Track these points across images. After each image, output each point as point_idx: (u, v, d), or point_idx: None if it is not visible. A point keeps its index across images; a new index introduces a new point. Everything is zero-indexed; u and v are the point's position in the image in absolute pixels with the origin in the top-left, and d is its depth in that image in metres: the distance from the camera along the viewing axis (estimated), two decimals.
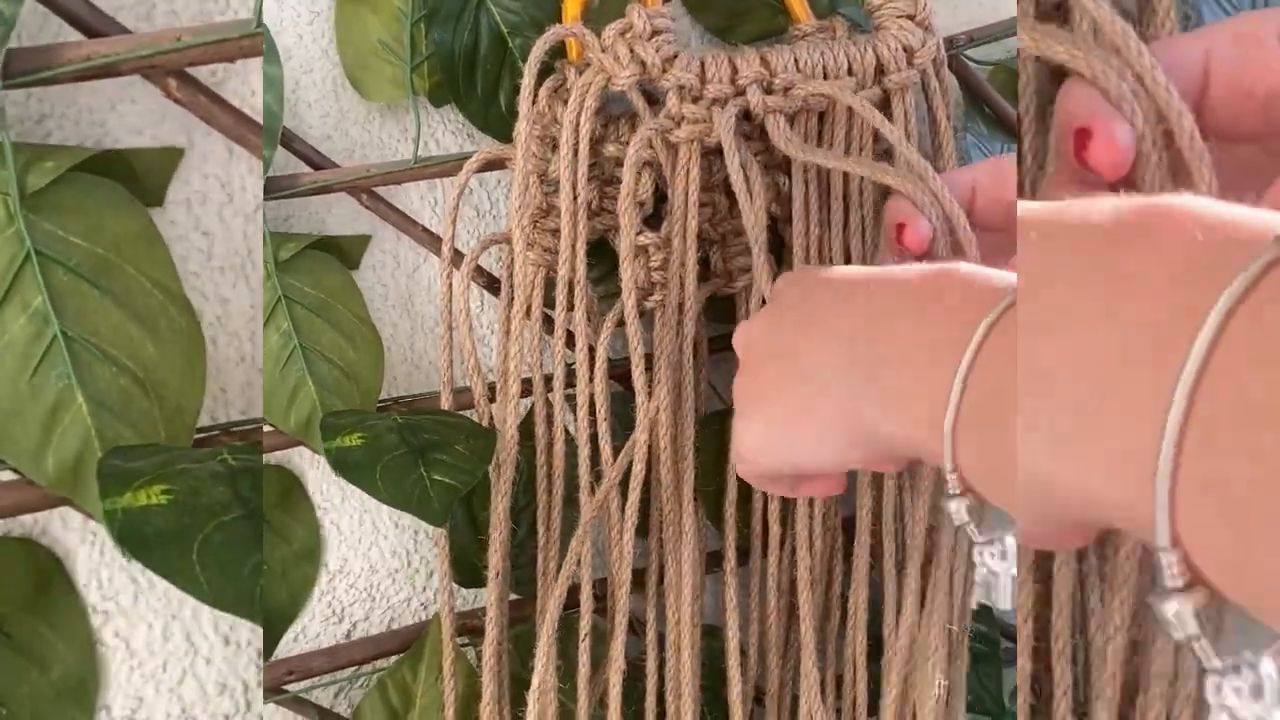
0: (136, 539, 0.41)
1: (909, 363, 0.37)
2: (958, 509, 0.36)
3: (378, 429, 0.54)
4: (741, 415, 0.47)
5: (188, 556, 0.40)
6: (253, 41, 0.49)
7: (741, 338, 0.49)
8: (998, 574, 0.37)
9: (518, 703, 0.62)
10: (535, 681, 0.55)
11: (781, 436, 0.45)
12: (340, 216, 0.62)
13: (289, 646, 0.60)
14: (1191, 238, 0.25)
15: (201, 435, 0.54)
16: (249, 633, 0.57)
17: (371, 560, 0.63)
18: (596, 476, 0.61)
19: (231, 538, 0.42)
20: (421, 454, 0.53)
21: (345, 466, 0.51)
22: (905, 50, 0.61)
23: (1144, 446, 0.25)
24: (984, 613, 0.75)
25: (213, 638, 0.56)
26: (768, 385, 0.46)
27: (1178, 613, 0.25)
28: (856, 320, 0.41)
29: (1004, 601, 0.37)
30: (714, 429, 0.67)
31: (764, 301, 0.61)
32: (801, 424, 0.43)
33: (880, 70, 0.61)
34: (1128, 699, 0.46)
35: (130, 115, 0.54)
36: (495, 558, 0.59)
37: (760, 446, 0.46)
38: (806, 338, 0.43)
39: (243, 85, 0.57)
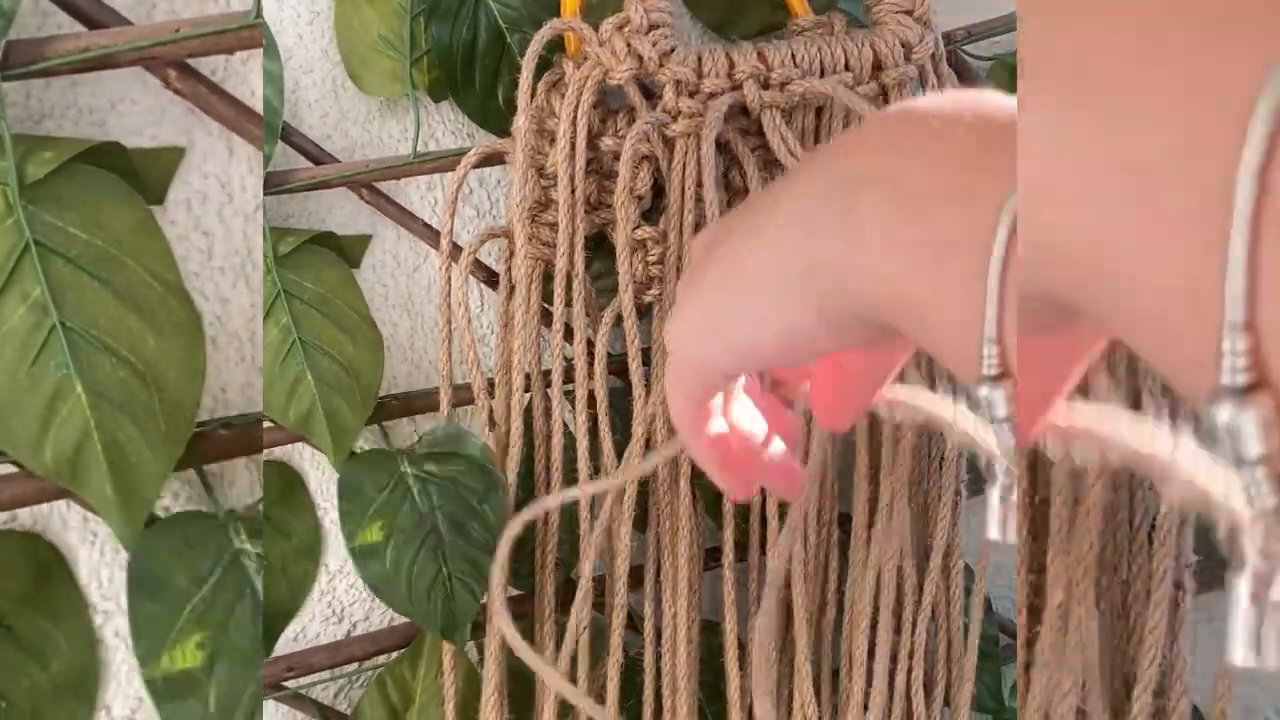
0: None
1: (904, 183, 0.27)
2: (996, 398, 0.26)
3: (394, 508, 0.56)
4: (677, 308, 0.37)
5: None
6: (252, 33, 0.49)
7: (697, 240, 0.40)
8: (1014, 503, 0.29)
9: (517, 698, 0.62)
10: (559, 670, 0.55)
11: (718, 317, 0.34)
12: (340, 216, 0.62)
13: (289, 647, 0.60)
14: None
15: (200, 429, 0.54)
16: None
17: None
18: (595, 471, 0.61)
19: None
20: (437, 546, 0.56)
21: (371, 578, 0.56)
22: (903, 45, 0.61)
23: (968, 240, 0.23)
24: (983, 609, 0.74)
25: None
26: (709, 274, 0.35)
27: (1231, 423, 0.19)
28: (834, 170, 0.30)
29: (1012, 533, 0.30)
30: None
31: None
32: (742, 300, 0.33)
33: (878, 65, 0.61)
34: (1123, 691, 0.47)
35: (130, 115, 0.54)
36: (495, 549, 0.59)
37: (692, 332, 0.36)
38: (765, 212, 0.33)
39: (242, 85, 0.57)
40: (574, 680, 0.60)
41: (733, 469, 0.40)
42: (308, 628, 0.61)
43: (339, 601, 0.62)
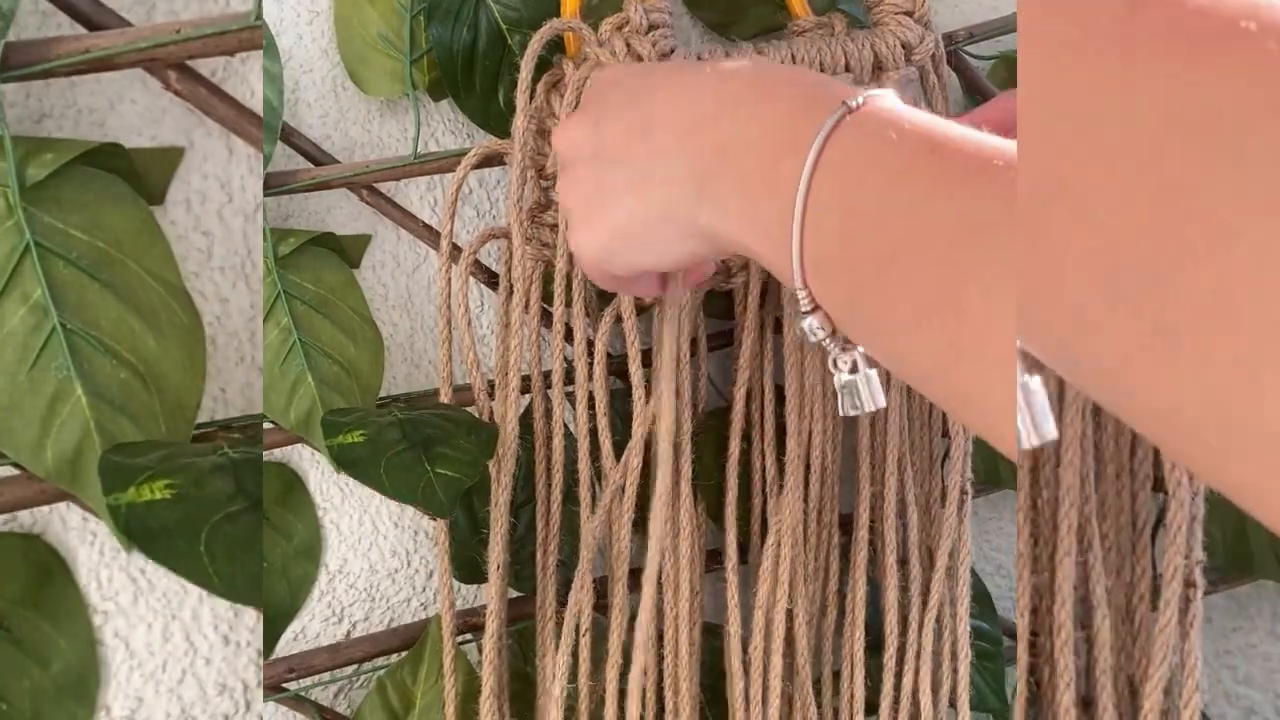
0: (142, 533, 0.40)
1: (743, 172, 0.38)
2: (812, 325, 0.37)
3: (379, 425, 0.54)
4: (581, 223, 0.46)
5: (195, 548, 0.40)
6: (252, 34, 0.49)
7: (562, 139, 0.48)
8: (867, 377, 0.39)
9: (517, 699, 0.62)
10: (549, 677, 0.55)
11: (626, 244, 0.45)
12: (340, 216, 0.62)
13: (288, 647, 0.60)
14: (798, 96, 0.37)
15: (200, 431, 0.54)
16: (248, 633, 0.57)
17: (371, 561, 0.63)
18: (596, 472, 0.61)
19: (238, 530, 0.42)
20: (424, 448, 0.53)
21: (348, 463, 0.51)
22: (903, 46, 0.61)
23: (783, 218, 0.35)
24: (986, 610, 0.74)
25: (212, 638, 0.56)
26: (604, 191, 0.45)
27: (810, 325, 0.37)
28: (685, 119, 0.41)
29: (878, 399, 0.40)
30: (713, 425, 0.67)
31: (761, 296, 0.61)
32: (646, 231, 0.43)
33: (878, 66, 0.61)
34: (1127, 691, 0.46)
35: (130, 115, 0.54)
36: (496, 551, 0.59)
37: (604, 257, 0.46)
38: (640, 140, 0.43)
39: (242, 85, 0.57)
40: (575, 683, 0.60)
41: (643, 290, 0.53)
42: (307, 628, 0.61)
43: (339, 602, 0.62)
